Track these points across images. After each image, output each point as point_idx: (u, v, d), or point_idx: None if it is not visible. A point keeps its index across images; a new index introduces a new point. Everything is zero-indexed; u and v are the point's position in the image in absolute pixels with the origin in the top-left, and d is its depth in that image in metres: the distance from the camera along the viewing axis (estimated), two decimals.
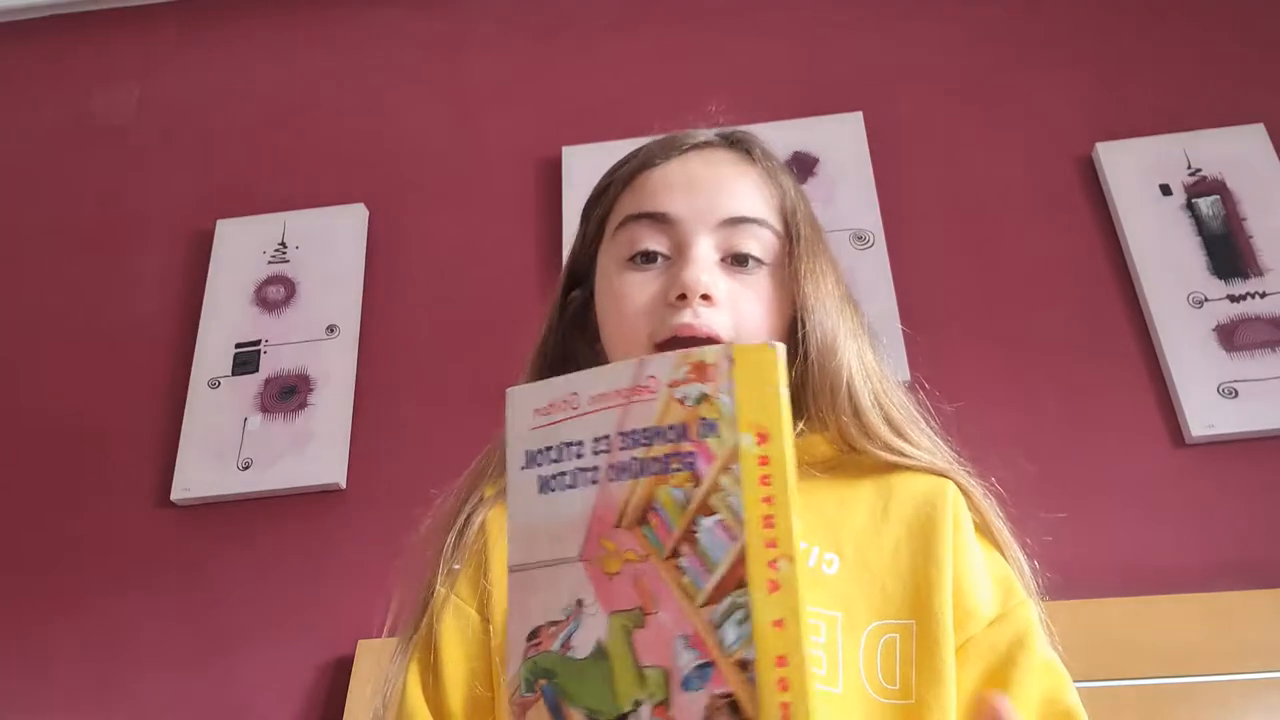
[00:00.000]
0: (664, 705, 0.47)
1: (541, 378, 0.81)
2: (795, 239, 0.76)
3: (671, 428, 0.50)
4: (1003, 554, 0.73)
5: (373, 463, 1.56)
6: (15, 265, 1.83)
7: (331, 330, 1.66)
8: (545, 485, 0.53)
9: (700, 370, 0.50)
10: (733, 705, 0.45)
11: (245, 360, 1.65)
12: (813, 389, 0.73)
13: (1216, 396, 1.43)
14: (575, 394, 0.53)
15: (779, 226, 0.76)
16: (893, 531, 0.70)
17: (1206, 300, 1.50)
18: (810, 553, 0.68)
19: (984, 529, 0.74)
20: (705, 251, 0.73)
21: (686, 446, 0.49)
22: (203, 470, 1.56)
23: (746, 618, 0.46)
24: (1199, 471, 1.42)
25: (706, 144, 0.80)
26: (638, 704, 0.47)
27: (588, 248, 0.83)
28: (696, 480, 0.48)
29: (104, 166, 1.89)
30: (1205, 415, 1.42)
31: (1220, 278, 1.52)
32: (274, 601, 1.49)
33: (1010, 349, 1.52)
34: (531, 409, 0.54)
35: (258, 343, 1.66)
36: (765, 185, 0.77)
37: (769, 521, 0.47)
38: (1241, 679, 1.24)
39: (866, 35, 1.81)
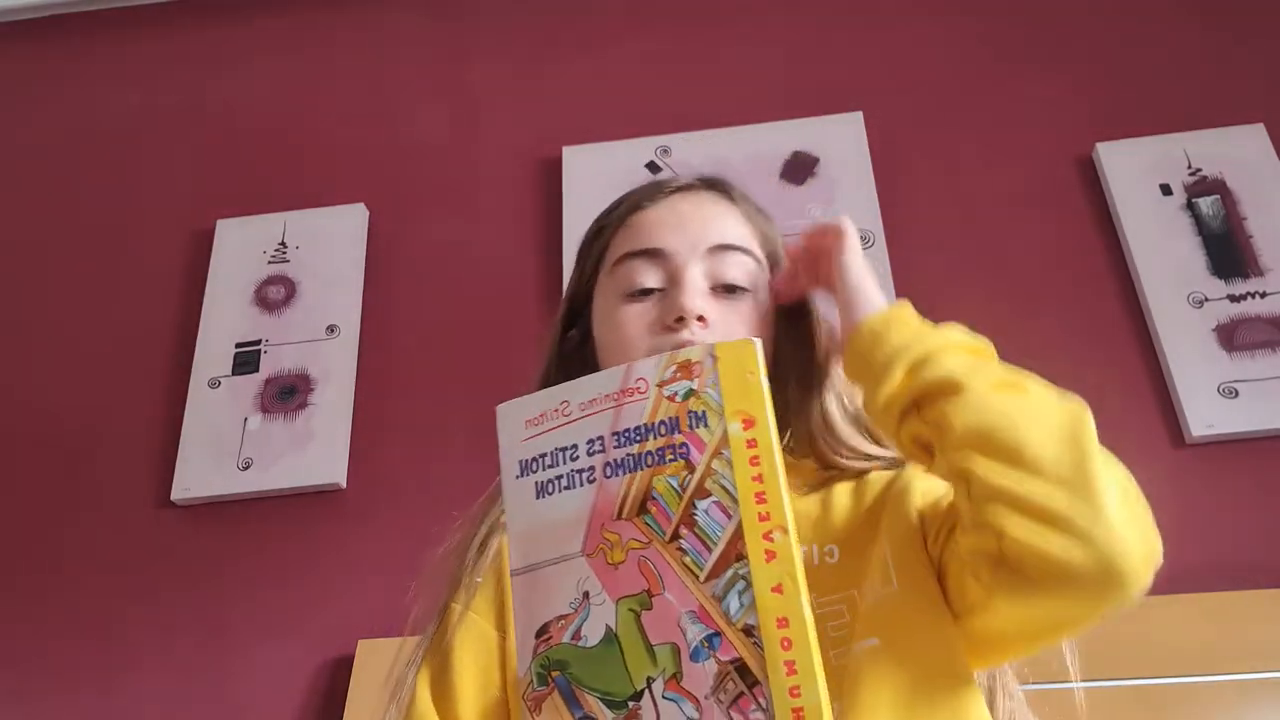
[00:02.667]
0: (676, 678, 0.50)
1: None
2: (774, 271, 0.84)
3: (663, 423, 0.53)
4: None
5: (373, 463, 1.56)
6: (16, 265, 1.83)
7: (331, 330, 1.66)
8: (541, 490, 0.56)
9: (686, 368, 0.54)
10: (741, 669, 0.48)
11: (245, 360, 1.65)
12: (793, 408, 0.80)
13: (1216, 396, 1.43)
14: (566, 402, 0.57)
15: (761, 257, 0.84)
16: (871, 517, 0.75)
17: (1206, 300, 1.50)
18: (813, 550, 0.72)
19: None
20: (696, 279, 0.79)
21: (679, 439, 0.53)
22: (203, 470, 1.56)
23: (747, 587, 0.49)
24: (1199, 471, 1.42)
25: (690, 187, 0.87)
26: (650, 681, 0.50)
27: (584, 286, 0.89)
28: (691, 468, 0.52)
29: (104, 166, 1.89)
30: (1205, 415, 1.42)
31: (1220, 278, 1.52)
32: (274, 601, 1.49)
33: (1010, 349, 1.51)
34: (522, 421, 0.58)
35: (258, 343, 1.66)
36: (746, 222, 0.85)
37: (761, 498, 0.50)
38: (1241, 679, 1.24)
39: (866, 35, 1.81)
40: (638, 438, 0.54)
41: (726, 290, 0.80)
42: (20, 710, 1.47)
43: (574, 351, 0.87)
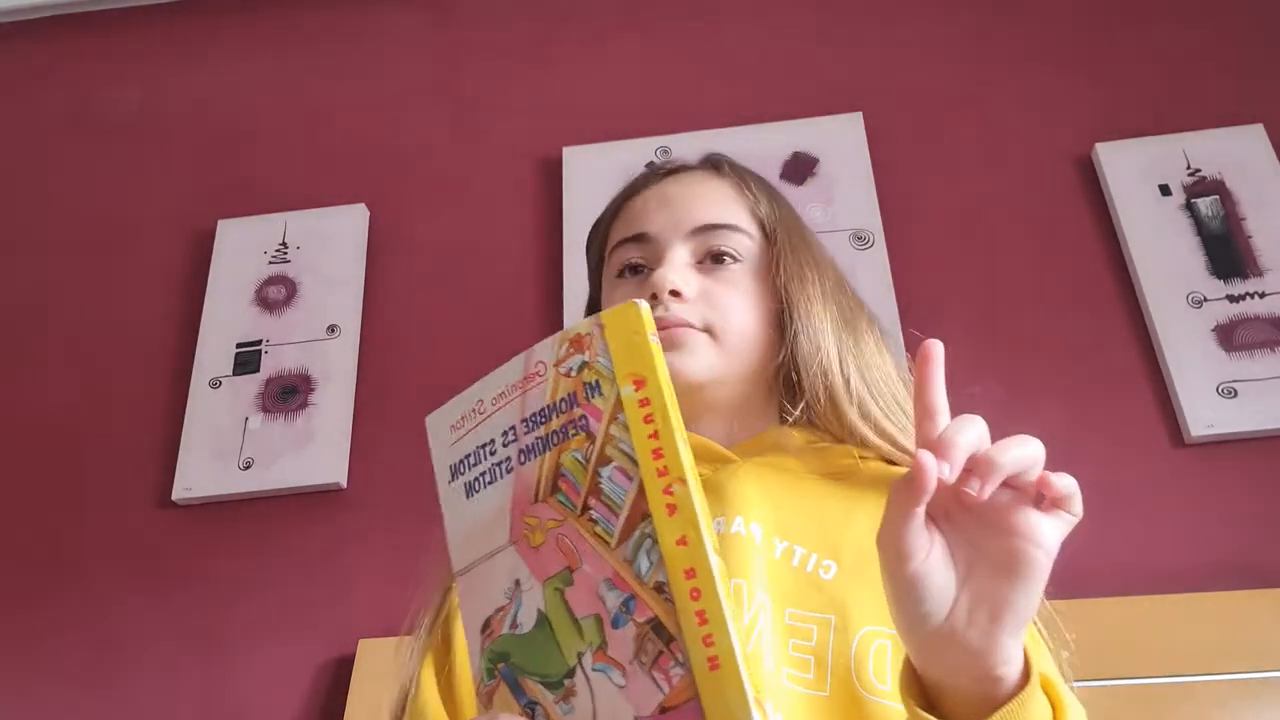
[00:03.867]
0: (602, 648, 0.49)
1: None
2: (773, 241, 0.83)
3: (563, 400, 0.54)
4: None
5: (373, 463, 1.57)
6: (16, 265, 1.83)
7: (332, 330, 1.66)
8: (470, 490, 0.57)
9: (577, 343, 0.54)
10: (657, 627, 0.48)
11: (246, 360, 1.65)
12: (798, 380, 0.79)
13: (1216, 396, 1.43)
14: (480, 400, 0.58)
15: (754, 230, 0.83)
16: None
17: (1206, 300, 1.50)
18: (809, 557, 0.70)
19: None
20: (677, 256, 0.81)
21: (578, 412, 0.53)
22: (204, 470, 1.57)
23: (654, 544, 0.49)
24: (1198, 471, 1.42)
25: (681, 168, 0.89)
26: (580, 655, 0.50)
27: (594, 277, 0.92)
28: (591, 439, 0.52)
29: (104, 166, 1.89)
30: (1205, 415, 1.42)
31: (1219, 278, 1.52)
32: (274, 601, 1.49)
33: (1010, 349, 1.52)
34: (447, 427, 0.59)
35: (259, 343, 1.66)
36: (738, 196, 0.86)
37: (658, 454, 0.50)
38: (1241, 679, 1.24)
39: (866, 35, 1.81)
40: (543, 420, 0.54)
41: (716, 260, 0.81)
42: (21, 710, 1.47)
43: None
